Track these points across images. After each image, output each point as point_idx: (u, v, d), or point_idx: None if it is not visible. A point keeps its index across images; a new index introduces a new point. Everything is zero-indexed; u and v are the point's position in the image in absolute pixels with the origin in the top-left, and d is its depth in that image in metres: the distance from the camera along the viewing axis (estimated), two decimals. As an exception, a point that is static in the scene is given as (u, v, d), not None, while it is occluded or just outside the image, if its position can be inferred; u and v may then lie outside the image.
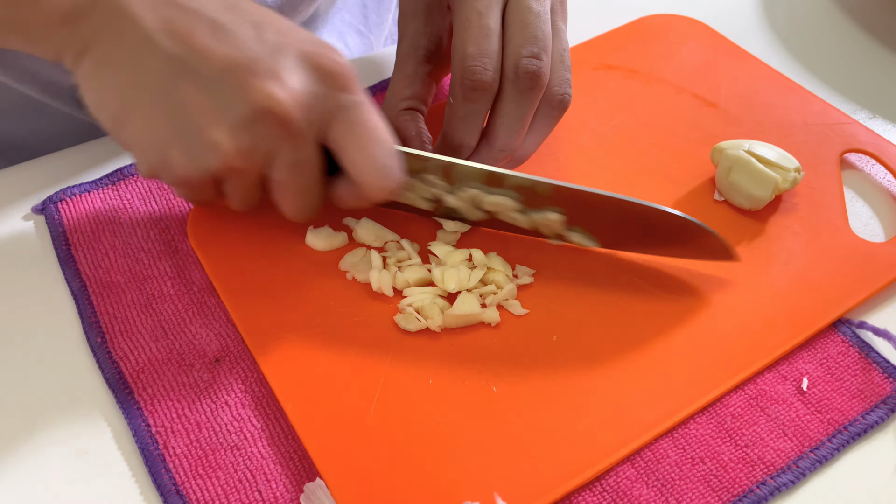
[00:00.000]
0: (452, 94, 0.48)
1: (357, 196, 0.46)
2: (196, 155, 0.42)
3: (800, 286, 0.49)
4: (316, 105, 0.43)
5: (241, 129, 0.42)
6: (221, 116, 0.41)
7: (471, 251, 0.49)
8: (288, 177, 0.44)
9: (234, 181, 0.44)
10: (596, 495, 0.41)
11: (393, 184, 0.45)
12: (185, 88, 0.41)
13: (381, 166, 0.44)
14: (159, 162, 0.43)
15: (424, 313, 0.46)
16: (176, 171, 0.43)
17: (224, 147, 0.42)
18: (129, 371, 0.45)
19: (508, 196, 0.48)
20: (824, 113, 0.60)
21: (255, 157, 0.43)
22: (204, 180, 0.44)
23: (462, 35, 0.48)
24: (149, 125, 0.42)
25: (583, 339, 0.46)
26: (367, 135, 0.44)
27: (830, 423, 0.43)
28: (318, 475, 0.41)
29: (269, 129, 0.42)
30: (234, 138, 0.42)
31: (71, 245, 0.51)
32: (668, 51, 0.65)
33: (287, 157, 0.43)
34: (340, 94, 0.43)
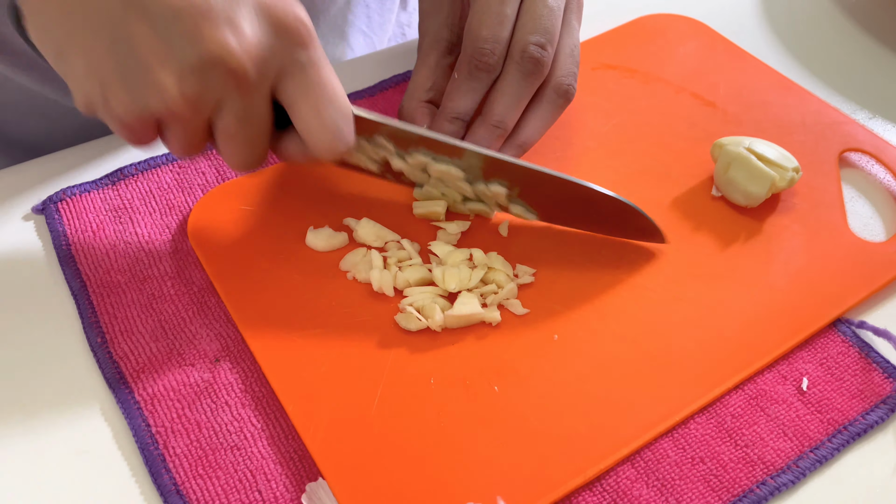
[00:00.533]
0: (458, 69, 0.51)
1: (305, 154, 0.46)
2: (138, 95, 0.40)
3: (799, 285, 0.49)
4: (270, 58, 0.42)
5: (189, 74, 0.40)
6: (170, 59, 0.39)
7: (471, 251, 0.49)
8: (234, 128, 0.43)
9: (177, 127, 0.42)
10: (596, 495, 0.41)
11: (344, 146, 0.45)
12: (134, 25, 0.39)
13: (332, 127, 0.44)
14: (99, 98, 0.41)
15: (425, 313, 0.46)
16: (115, 110, 0.41)
17: (169, 91, 0.40)
18: (129, 371, 0.45)
19: (455, 165, 0.49)
20: (823, 112, 0.60)
21: (202, 105, 0.41)
22: (144, 122, 0.42)
23: (479, 17, 0.50)
24: (92, 58, 0.40)
25: (584, 339, 0.46)
26: (321, 94, 0.43)
27: (830, 423, 0.44)
28: (318, 475, 0.41)
29: (218, 79, 0.40)
30: (181, 83, 0.40)
31: (71, 245, 0.51)
32: (667, 50, 0.65)
33: (235, 108, 0.42)
34: (297, 50, 0.42)
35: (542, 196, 0.50)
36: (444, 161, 0.49)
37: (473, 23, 0.50)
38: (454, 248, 0.50)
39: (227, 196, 0.53)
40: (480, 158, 0.49)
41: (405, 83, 0.62)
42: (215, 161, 0.56)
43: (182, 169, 0.56)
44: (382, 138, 0.48)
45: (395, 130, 0.48)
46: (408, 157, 0.49)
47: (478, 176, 0.49)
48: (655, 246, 0.51)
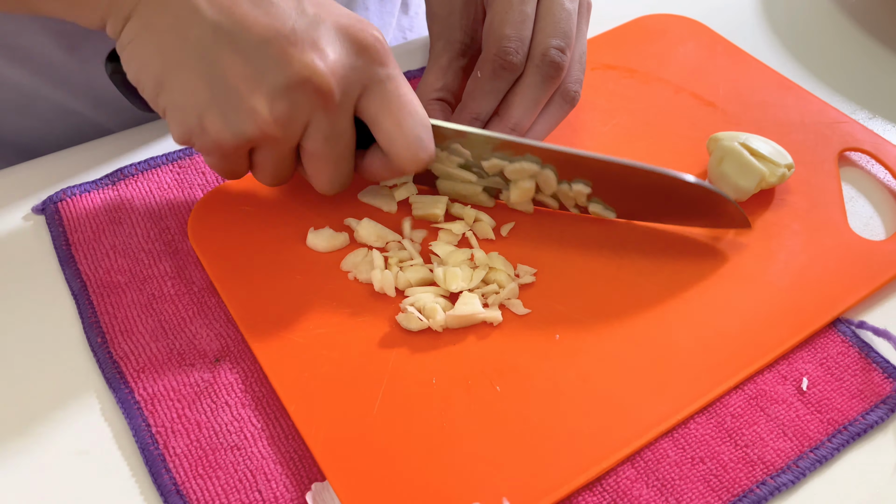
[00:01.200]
0: (481, 69, 0.51)
1: (389, 168, 0.48)
2: (233, 120, 0.43)
3: (799, 284, 0.49)
4: (352, 77, 0.44)
5: (279, 97, 0.42)
6: (260, 84, 0.42)
7: (472, 251, 0.49)
8: (322, 147, 0.45)
9: (268, 150, 0.45)
10: (596, 495, 0.41)
11: (427, 155, 0.46)
12: (225, 56, 0.42)
13: (414, 138, 0.45)
14: (196, 126, 0.44)
15: (426, 313, 0.46)
16: (211, 136, 0.44)
17: (261, 114, 0.43)
18: (129, 371, 0.45)
19: (531, 161, 0.49)
20: (822, 112, 0.60)
21: (291, 125, 0.44)
22: (238, 147, 0.44)
23: (502, 17, 0.51)
24: (188, 90, 0.43)
25: (585, 339, 0.46)
26: (402, 107, 0.45)
27: (830, 423, 0.44)
28: (319, 475, 0.41)
29: (306, 99, 0.43)
30: (272, 106, 0.43)
31: (71, 245, 0.51)
32: (667, 50, 0.65)
33: (322, 128, 0.44)
34: (376, 67, 0.45)
35: (620, 191, 0.50)
36: (519, 160, 0.49)
37: (496, 22, 0.51)
38: (455, 248, 0.50)
39: (228, 196, 0.53)
40: (559, 156, 0.49)
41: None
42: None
43: (182, 169, 0.56)
44: (458, 145, 0.49)
45: (473, 136, 0.49)
46: (484, 164, 0.50)
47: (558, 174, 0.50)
48: (655, 245, 0.51)
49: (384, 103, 0.45)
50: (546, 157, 0.49)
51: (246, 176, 0.54)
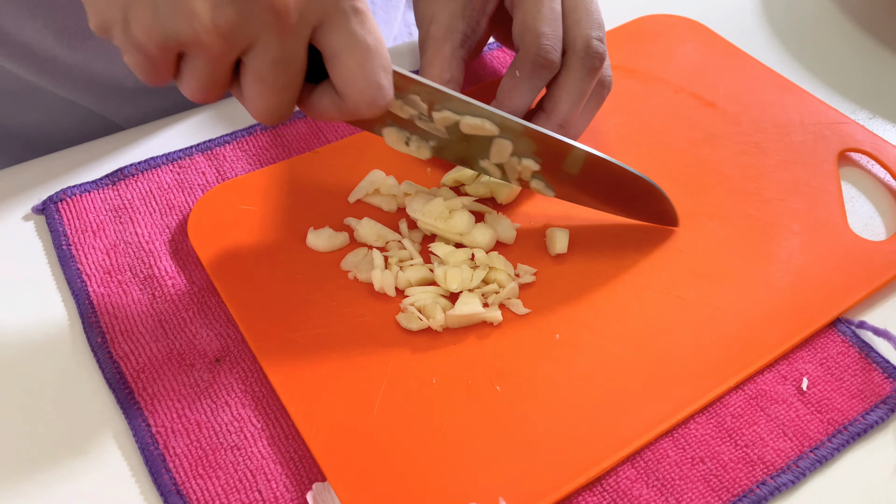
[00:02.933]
0: (520, 67, 0.50)
1: (340, 108, 0.43)
2: (165, 18, 0.36)
3: (799, 285, 0.49)
4: (315, 1, 0.39)
5: (226, 2, 0.36)
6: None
7: (472, 250, 0.49)
8: (267, 71, 0.39)
9: (200, 60, 0.39)
10: (596, 495, 0.41)
11: (385, 102, 0.42)
12: None
13: (375, 81, 0.41)
14: (119, 16, 0.37)
15: (426, 313, 0.46)
16: (135, 33, 0.37)
17: (201, 17, 0.36)
18: (129, 371, 0.45)
19: (491, 123, 0.47)
20: (821, 112, 0.60)
21: (234, 38, 0.37)
22: (165, 50, 0.38)
23: (535, 16, 0.50)
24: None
25: (585, 338, 0.46)
26: (366, 47, 0.40)
27: (830, 423, 0.44)
28: (319, 475, 0.41)
29: (258, 12, 0.37)
30: (216, 11, 0.36)
31: (71, 245, 0.51)
32: (666, 51, 0.65)
33: (271, 49, 0.39)
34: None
35: (564, 172, 0.50)
36: (476, 116, 0.47)
37: (529, 19, 0.50)
38: (455, 248, 0.50)
39: (227, 196, 0.53)
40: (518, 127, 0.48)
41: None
42: (215, 161, 0.56)
43: (182, 169, 0.56)
44: (416, 97, 0.46)
45: (432, 90, 0.46)
46: (435, 114, 0.47)
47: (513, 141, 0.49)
48: (656, 244, 0.51)
49: (346, 38, 0.40)
50: (505, 127, 0.47)
51: (246, 175, 0.54)
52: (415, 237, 0.51)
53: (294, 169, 0.55)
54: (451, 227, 0.49)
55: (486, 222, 0.51)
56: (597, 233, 0.52)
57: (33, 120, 0.64)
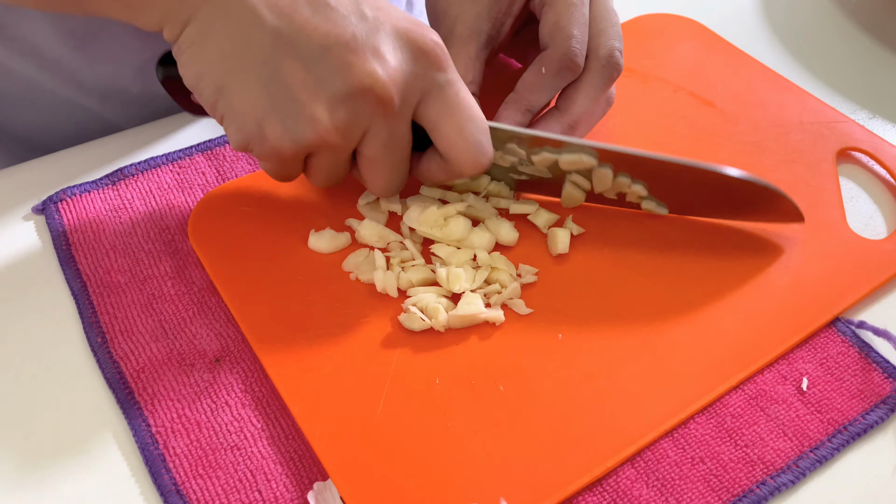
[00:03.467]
0: (546, 65, 0.51)
1: (447, 171, 0.48)
2: (293, 128, 0.43)
3: (799, 284, 0.49)
4: (412, 83, 0.44)
5: (339, 104, 0.42)
6: (321, 92, 0.42)
7: (475, 251, 0.49)
8: (380, 154, 0.45)
9: (326, 156, 0.45)
10: (596, 495, 0.41)
11: (487, 160, 0.46)
12: (286, 62, 0.42)
13: (475, 143, 0.45)
14: (255, 133, 0.43)
15: (429, 313, 0.46)
16: (270, 143, 0.43)
17: (322, 122, 0.42)
18: (129, 371, 0.45)
19: (589, 155, 0.49)
20: (820, 111, 0.60)
21: (351, 132, 0.43)
22: (297, 154, 0.44)
23: (568, 18, 0.51)
24: (248, 96, 0.43)
25: (588, 338, 0.46)
26: (462, 113, 0.45)
27: (830, 423, 0.44)
28: (318, 475, 0.41)
29: (367, 107, 0.43)
30: (332, 113, 0.42)
31: (71, 245, 0.51)
32: (665, 50, 0.65)
33: (381, 135, 0.44)
34: (435, 73, 0.44)
35: (672, 188, 0.51)
36: (572, 152, 0.49)
37: (562, 21, 0.51)
38: (456, 249, 0.50)
39: (228, 197, 0.53)
40: (616, 155, 0.49)
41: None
42: (215, 161, 0.56)
43: (182, 169, 0.56)
44: (513, 145, 0.49)
45: (529, 137, 0.49)
46: (534, 157, 0.50)
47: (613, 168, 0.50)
48: (657, 243, 0.51)
49: (444, 109, 0.45)
50: (603, 156, 0.49)
51: (246, 177, 0.54)
52: (416, 238, 0.51)
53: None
54: (448, 234, 0.50)
55: (485, 226, 0.51)
56: (597, 232, 0.52)
57: (34, 120, 0.64)
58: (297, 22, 0.42)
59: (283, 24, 0.41)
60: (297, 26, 0.41)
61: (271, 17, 0.41)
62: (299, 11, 0.42)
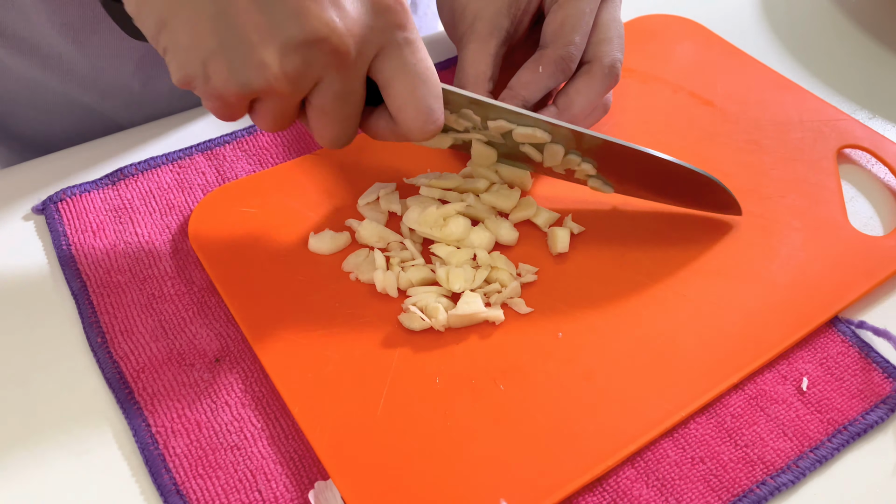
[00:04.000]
0: (543, 64, 0.52)
1: (395, 132, 0.47)
2: (240, 71, 0.40)
3: (800, 281, 0.49)
4: (369, 37, 0.42)
5: (292, 52, 0.40)
6: (274, 36, 0.39)
7: (475, 250, 0.49)
8: (331, 105, 0.44)
9: (273, 102, 0.43)
10: (596, 495, 0.41)
11: (435, 127, 0.46)
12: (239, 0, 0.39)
13: (426, 107, 0.45)
14: (198, 72, 0.41)
15: (429, 313, 0.46)
16: (214, 84, 0.41)
17: (272, 68, 0.40)
18: (129, 371, 0.45)
19: (543, 130, 0.50)
20: (819, 110, 0.60)
21: (301, 81, 0.41)
22: (241, 98, 0.42)
23: (573, 21, 0.52)
24: (194, 32, 0.40)
25: (588, 337, 0.46)
26: (416, 75, 0.44)
27: (830, 423, 0.44)
28: (319, 475, 0.41)
29: (321, 57, 0.41)
30: (283, 60, 0.40)
31: (71, 245, 0.51)
32: (664, 50, 0.65)
33: (334, 86, 0.43)
34: (394, 30, 0.43)
35: (620, 170, 0.51)
36: (527, 125, 0.50)
37: (567, 25, 0.52)
38: (456, 248, 0.50)
39: (228, 197, 0.53)
40: (568, 133, 0.50)
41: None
42: (215, 161, 0.56)
43: (182, 169, 0.56)
44: (469, 111, 0.49)
45: (486, 105, 0.49)
46: (490, 123, 0.50)
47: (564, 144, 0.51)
48: (657, 243, 0.51)
49: (399, 69, 0.43)
50: (556, 133, 0.50)
51: (246, 178, 0.54)
52: (416, 238, 0.51)
53: (294, 170, 0.55)
54: (447, 235, 0.50)
55: (485, 226, 0.51)
56: (597, 232, 0.52)
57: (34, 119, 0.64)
58: None
59: None
60: None
61: None
62: None
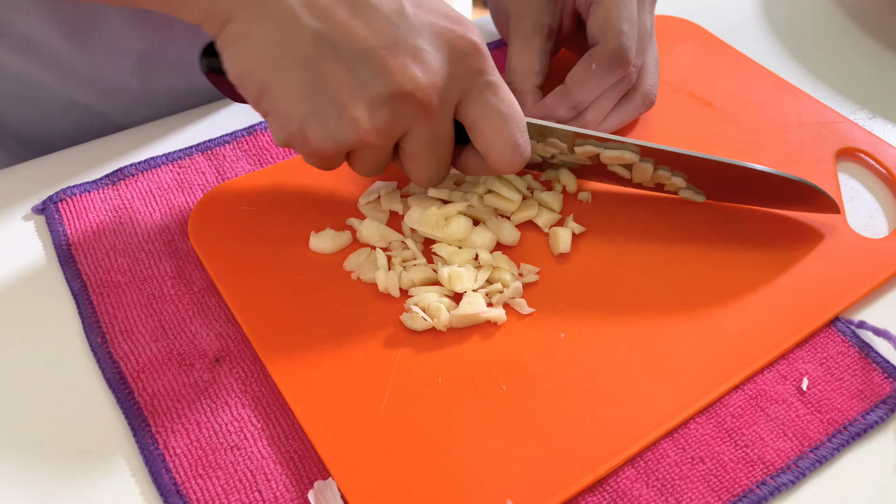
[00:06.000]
0: (596, 61, 0.53)
1: (485, 168, 0.49)
2: (334, 130, 0.43)
3: (800, 283, 0.49)
4: (452, 85, 0.44)
5: (380, 107, 0.43)
6: (361, 94, 0.42)
7: (477, 251, 0.49)
8: (422, 150, 0.46)
9: (367, 152, 0.46)
10: (596, 495, 0.41)
11: (522, 160, 0.47)
12: (327, 64, 0.42)
13: (512, 145, 0.46)
14: (297, 133, 0.44)
15: (431, 313, 0.46)
16: (312, 143, 0.44)
17: (363, 124, 0.43)
18: (129, 371, 0.45)
19: (631, 151, 0.50)
20: (819, 112, 0.60)
21: (391, 133, 0.44)
22: (338, 152, 0.45)
23: (618, 14, 0.52)
24: (290, 97, 0.43)
25: (590, 337, 0.46)
26: (500, 115, 0.46)
27: (830, 423, 0.44)
28: (319, 475, 0.41)
29: (407, 109, 0.43)
30: (373, 115, 0.43)
31: (71, 245, 0.51)
32: (664, 51, 0.65)
33: (423, 134, 0.45)
34: (474, 75, 0.45)
35: (711, 180, 0.52)
36: (615, 148, 0.50)
37: (613, 17, 0.52)
38: (458, 248, 0.50)
39: (228, 196, 0.53)
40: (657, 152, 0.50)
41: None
42: (215, 161, 0.56)
43: (182, 169, 0.56)
44: (555, 139, 0.50)
45: (571, 133, 0.50)
46: (577, 149, 0.51)
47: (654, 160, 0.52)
48: (657, 242, 0.51)
49: (482, 111, 0.45)
50: (645, 152, 0.50)
51: (246, 176, 0.54)
52: (417, 237, 0.51)
53: (294, 170, 0.55)
54: (449, 234, 0.50)
55: (486, 226, 0.51)
56: (599, 232, 0.52)
57: (33, 118, 0.64)
58: (337, 23, 0.41)
59: (323, 26, 0.41)
60: (338, 27, 0.41)
61: (310, 18, 0.41)
62: (339, 12, 0.42)
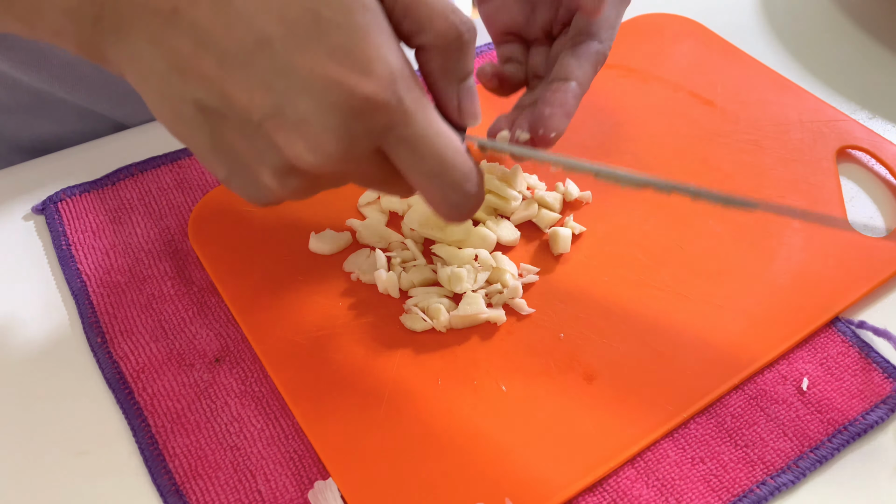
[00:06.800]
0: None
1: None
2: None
3: (800, 282, 0.49)
4: (354, 148, 0.37)
5: (285, 176, 0.38)
6: (264, 162, 0.38)
7: (476, 251, 0.49)
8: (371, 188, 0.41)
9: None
10: (596, 495, 0.41)
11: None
12: (224, 132, 0.37)
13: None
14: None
15: (430, 313, 0.46)
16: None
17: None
18: (129, 371, 0.45)
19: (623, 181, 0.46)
20: (819, 110, 0.60)
21: (310, 191, 0.40)
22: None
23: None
24: (204, 160, 0.39)
25: (589, 337, 0.46)
26: (423, 175, 0.38)
27: (830, 423, 0.44)
28: (318, 475, 0.41)
29: (313, 177, 0.38)
30: (283, 185, 0.38)
31: (71, 245, 0.51)
32: (664, 49, 0.65)
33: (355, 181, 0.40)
34: (381, 133, 0.37)
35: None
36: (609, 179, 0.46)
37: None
38: (458, 249, 0.50)
39: (228, 196, 0.53)
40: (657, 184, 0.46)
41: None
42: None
43: (182, 169, 0.56)
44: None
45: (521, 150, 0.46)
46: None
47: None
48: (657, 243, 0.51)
49: (404, 167, 0.38)
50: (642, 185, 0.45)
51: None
52: (417, 238, 0.51)
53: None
54: (449, 235, 0.50)
55: (486, 226, 0.51)
56: (599, 232, 0.52)
57: (46, 131, 0.64)
58: (215, 90, 0.36)
59: (202, 94, 0.36)
60: (216, 95, 0.36)
61: (185, 85, 0.36)
62: (209, 72, 0.35)
